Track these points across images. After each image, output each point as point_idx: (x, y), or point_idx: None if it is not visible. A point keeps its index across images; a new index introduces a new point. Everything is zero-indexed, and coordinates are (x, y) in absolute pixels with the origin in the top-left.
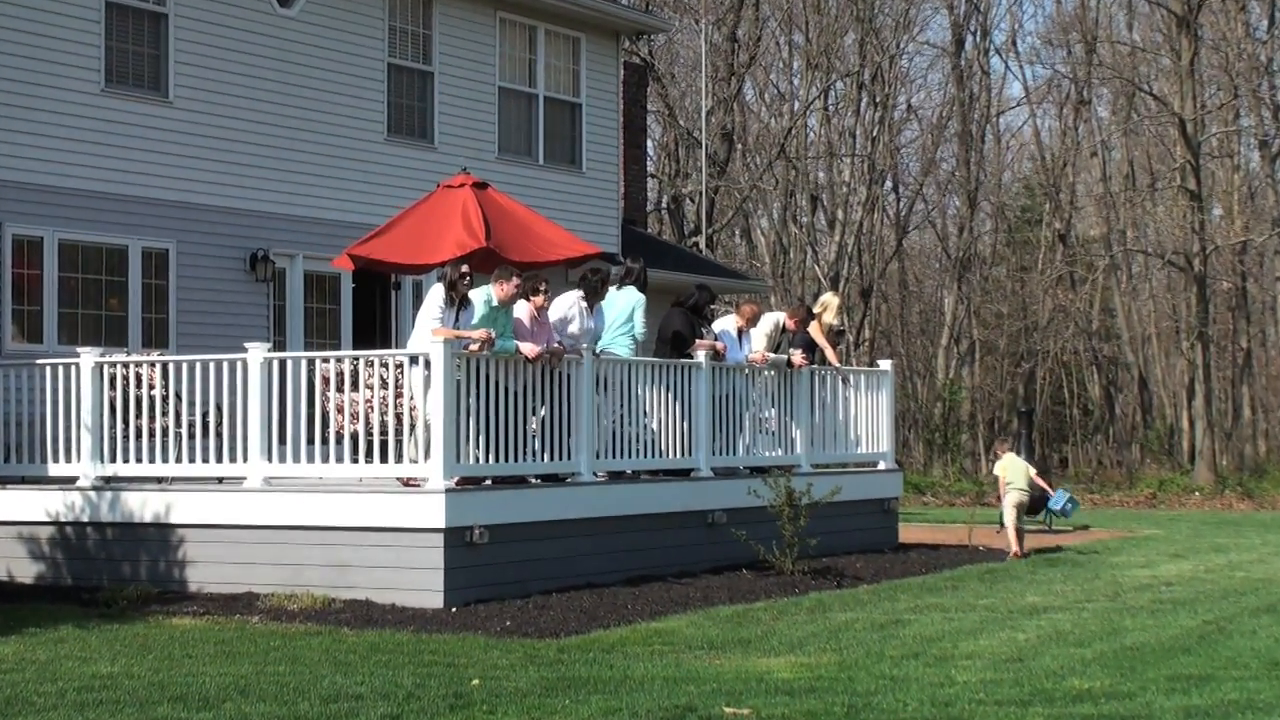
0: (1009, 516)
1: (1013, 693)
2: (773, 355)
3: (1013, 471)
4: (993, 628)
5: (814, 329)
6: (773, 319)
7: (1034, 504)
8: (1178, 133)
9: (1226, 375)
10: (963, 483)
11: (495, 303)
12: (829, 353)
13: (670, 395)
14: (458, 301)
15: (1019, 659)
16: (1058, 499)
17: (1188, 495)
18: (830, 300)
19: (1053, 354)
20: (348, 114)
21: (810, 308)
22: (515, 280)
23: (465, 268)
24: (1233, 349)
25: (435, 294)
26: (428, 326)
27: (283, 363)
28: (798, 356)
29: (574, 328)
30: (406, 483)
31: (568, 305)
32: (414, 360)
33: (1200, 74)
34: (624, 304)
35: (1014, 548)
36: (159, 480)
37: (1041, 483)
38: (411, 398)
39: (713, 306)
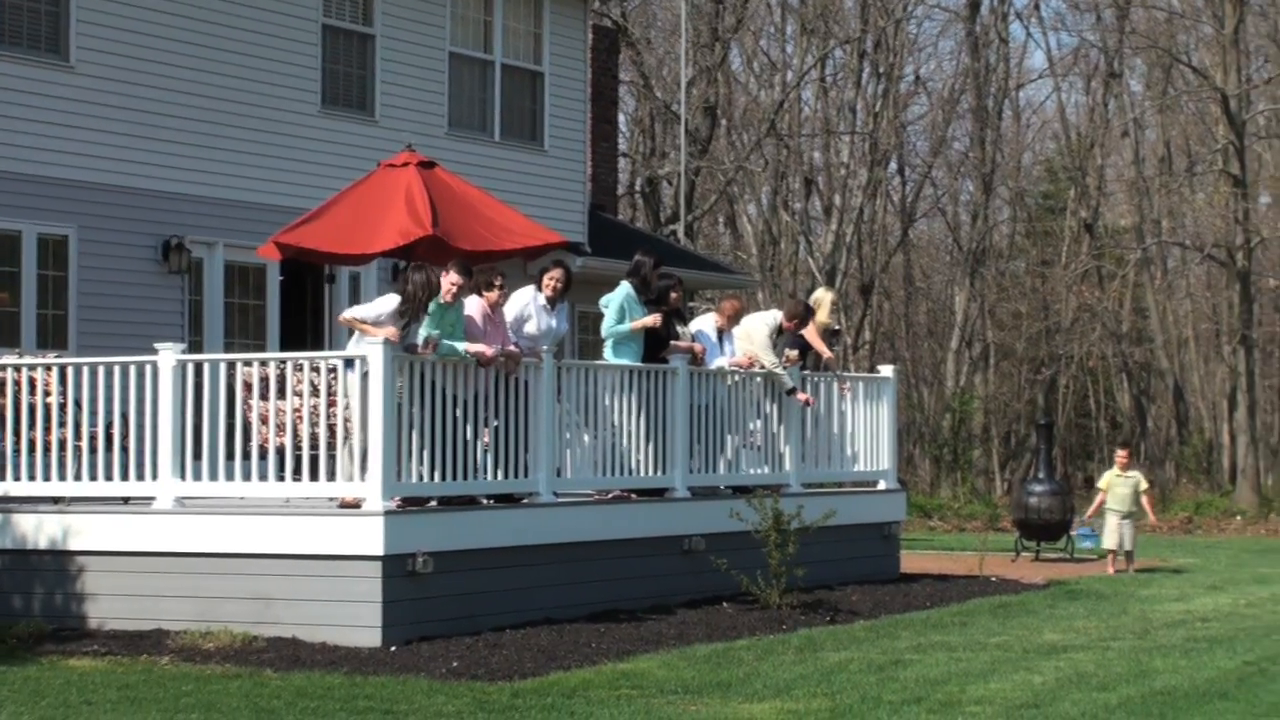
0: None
1: None
2: (769, 363)
3: (1113, 493)
4: (1005, 669)
5: (809, 330)
6: (767, 322)
7: (1053, 529)
8: (1219, 110)
9: (1273, 384)
10: (974, 505)
11: (441, 299)
12: (826, 355)
13: (642, 405)
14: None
15: (1035, 704)
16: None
17: (1228, 519)
18: (823, 296)
19: (1077, 359)
20: (276, 82)
21: (809, 305)
22: (464, 272)
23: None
24: (1279, 355)
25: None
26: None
27: (199, 366)
28: (794, 355)
29: (531, 327)
30: (344, 505)
31: (524, 302)
32: (349, 364)
33: (1245, 44)
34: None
35: (1109, 569)
36: (55, 500)
37: (1147, 504)
38: (346, 407)
39: (691, 304)
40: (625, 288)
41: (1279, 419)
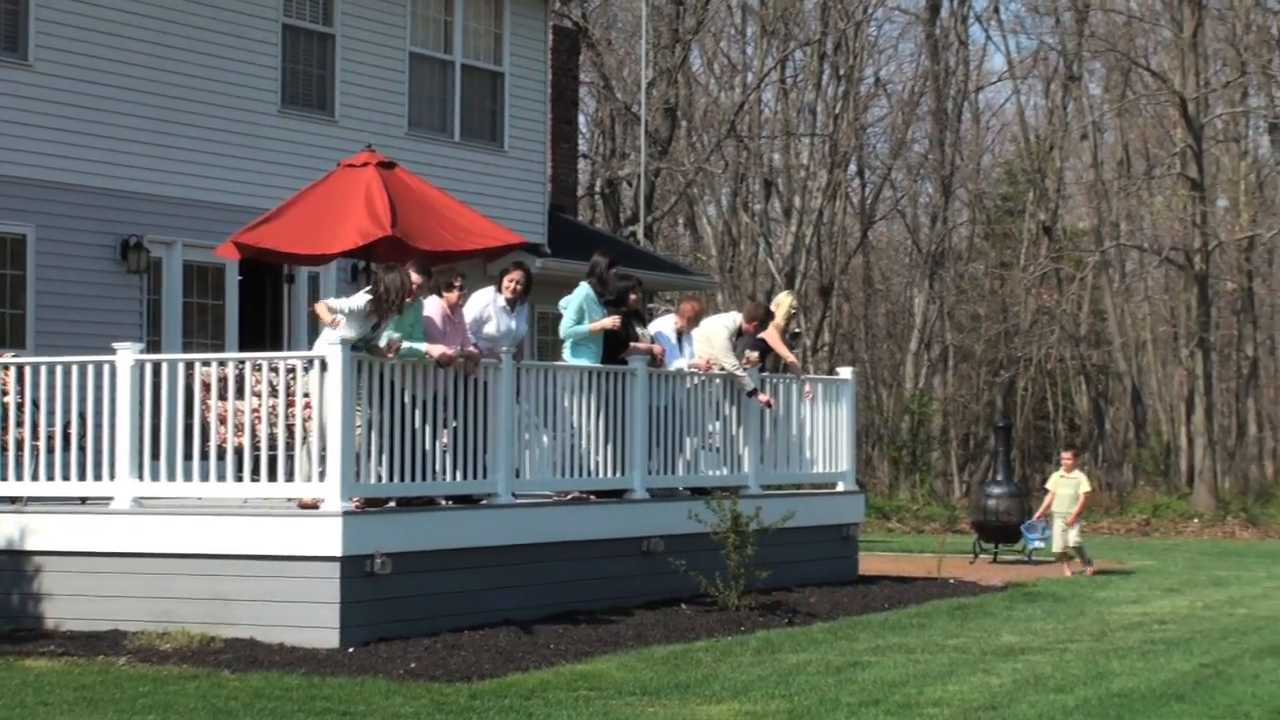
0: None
1: None
2: (730, 365)
3: (1058, 495)
4: (963, 671)
5: (770, 333)
6: (727, 324)
7: (1011, 531)
8: (1178, 114)
9: (1230, 387)
10: (933, 507)
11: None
12: (788, 358)
13: (601, 406)
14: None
15: (992, 706)
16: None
17: (1185, 522)
18: (784, 300)
19: (1035, 361)
20: (236, 82)
21: (769, 309)
22: (423, 272)
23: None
24: (1237, 357)
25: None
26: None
27: (157, 366)
28: (753, 356)
29: (491, 328)
30: (303, 505)
31: (484, 303)
32: (308, 365)
33: (1204, 48)
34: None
35: (1066, 571)
36: (12, 500)
37: (1079, 504)
38: (306, 407)
39: (650, 305)
40: (584, 288)
41: (1236, 422)
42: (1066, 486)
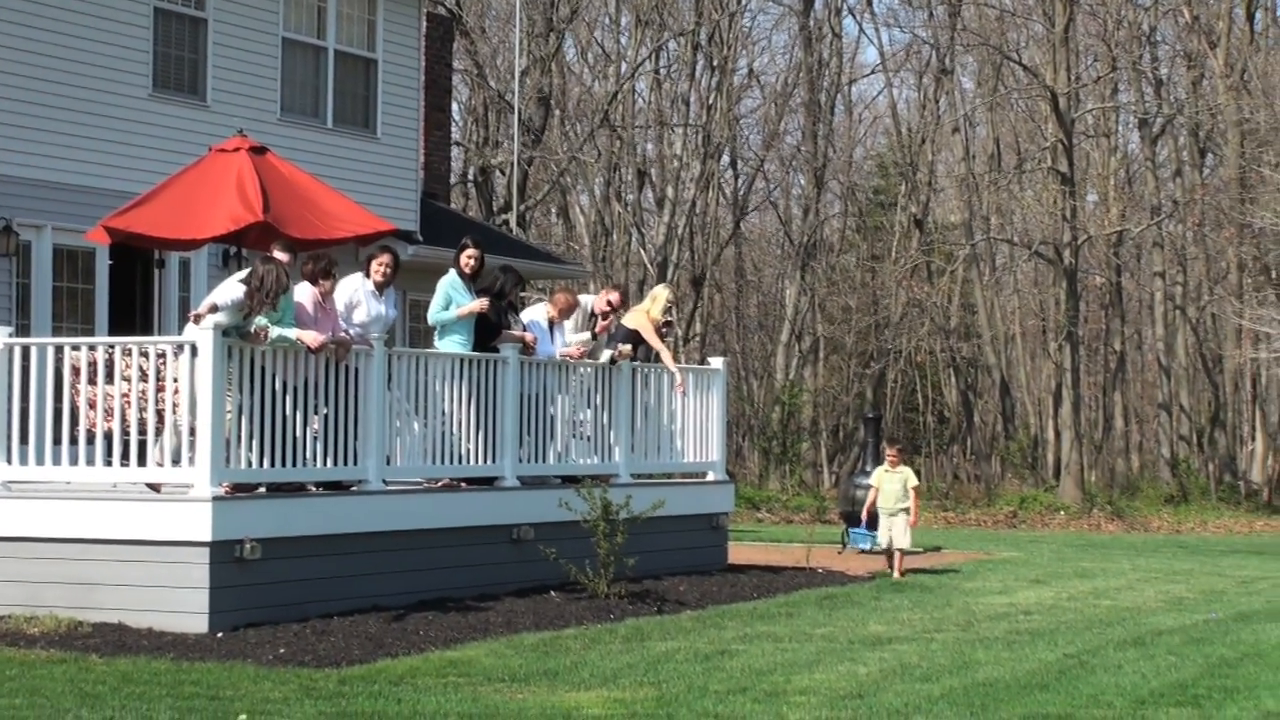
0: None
1: None
2: (578, 340)
3: (883, 491)
4: (830, 660)
5: (644, 326)
6: (583, 303)
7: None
8: (1049, 108)
9: (1097, 381)
10: (802, 497)
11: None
12: (665, 355)
13: (473, 393)
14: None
15: (859, 695)
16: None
17: (1051, 514)
18: (660, 293)
19: (905, 354)
20: (106, 65)
21: (624, 290)
22: (288, 249)
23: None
24: (1105, 352)
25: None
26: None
27: (25, 350)
28: (626, 349)
29: (360, 314)
30: (156, 489)
31: (353, 289)
32: (179, 349)
33: (1075, 43)
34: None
35: (888, 566)
36: None
37: (913, 500)
38: (175, 392)
39: (523, 294)
40: (450, 275)
41: (1103, 415)
42: (892, 482)
